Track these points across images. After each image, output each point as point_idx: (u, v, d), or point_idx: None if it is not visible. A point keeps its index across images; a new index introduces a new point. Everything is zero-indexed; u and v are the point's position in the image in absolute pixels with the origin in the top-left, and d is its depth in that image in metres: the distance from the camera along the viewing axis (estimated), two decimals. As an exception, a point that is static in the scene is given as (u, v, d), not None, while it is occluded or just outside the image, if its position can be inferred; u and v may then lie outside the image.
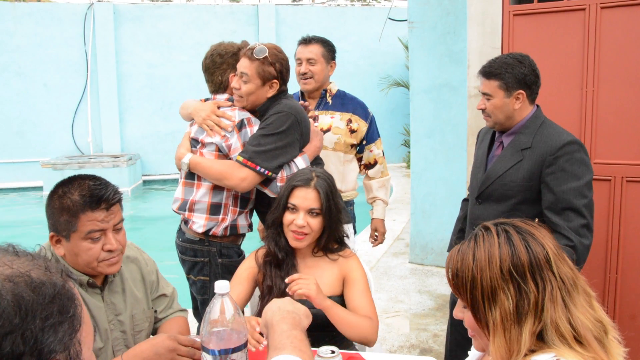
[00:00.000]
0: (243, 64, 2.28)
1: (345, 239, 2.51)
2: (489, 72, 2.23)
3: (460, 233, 2.63)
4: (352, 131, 2.95)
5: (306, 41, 2.97)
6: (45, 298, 0.66)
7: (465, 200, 2.69)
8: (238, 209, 2.38)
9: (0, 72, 10.25)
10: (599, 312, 1.12)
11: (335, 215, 1.98)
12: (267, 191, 2.33)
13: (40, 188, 9.75)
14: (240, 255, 2.44)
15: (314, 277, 1.85)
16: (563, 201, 2.11)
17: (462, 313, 1.20)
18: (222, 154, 2.35)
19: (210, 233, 2.35)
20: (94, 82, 10.61)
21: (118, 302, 1.75)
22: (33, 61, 10.35)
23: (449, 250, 2.70)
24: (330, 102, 2.99)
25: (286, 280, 1.82)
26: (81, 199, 1.56)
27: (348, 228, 2.60)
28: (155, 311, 1.89)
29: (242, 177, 2.22)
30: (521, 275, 1.10)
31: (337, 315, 1.82)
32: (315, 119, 2.94)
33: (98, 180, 1.63)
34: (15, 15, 10.26)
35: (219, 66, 2.45)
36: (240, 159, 2.24)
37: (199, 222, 2.34)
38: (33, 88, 10.42)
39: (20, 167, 10.40)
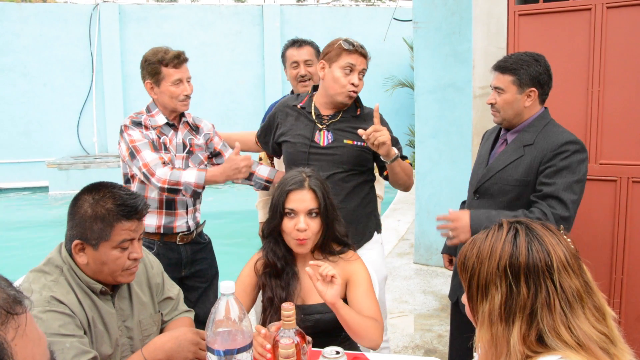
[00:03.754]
0: (364, 62, 2.37)
1: (372, 245, 2.49)
2: (504, 66, 2.21)
3: None
4: None
5: (298, 43, 2.96)
6: None
7: (464, 203, 2.67)
8: None
9: (6, 72, 10.30)
10: (611, 330, 1.10)
11: (331, 213, 1.93)
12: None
13: (45, 188, 9.79)
14: (152, 249, 2.47)
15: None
16: (551, 191, 2.10)
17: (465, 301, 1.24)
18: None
19: None
20: (100, 82, 10.66)
21: (125, 308, 1.74)
22: (39, 61, 10.41)
23: (442, 253, 2.70)
24: None
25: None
26: (117, 208, 1.57)
27: (372, 247, 2.52)
28: (161, 314, 1.88)
29: None
30: (515, 276, 1.10)
31: (347, 314, 1.75)
32: None
33: (127, 190, 1.65)
34: (21, 15, 10.32)
35: (141, 71, 2.60)
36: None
37: None
38: (39, 88, 10.47)
39: (25, 167, 10.45)
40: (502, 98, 2.21)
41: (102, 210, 1.56)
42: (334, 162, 2.34)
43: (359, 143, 2.37)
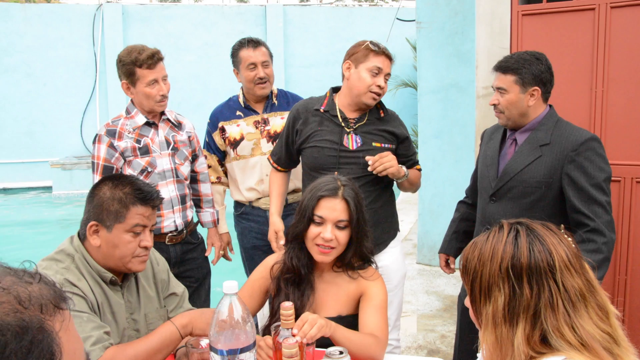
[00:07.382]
0: (389, 66, 2.37)
1: (395, 242, 2.47)
2: (505, 66, 2.18)
3: (455, 234, 2.60)
4: None
5: (254, 43, 2.83)
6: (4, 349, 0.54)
7: (461, 202, 2.64)
8: None
9: (10, 72, 10.33)
10: (615, 330, 1.10)
11: (362, 227, 1.84)
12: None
13: (49, 188, 9.82)
14: None
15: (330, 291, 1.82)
16: (589, 197, 2.06)
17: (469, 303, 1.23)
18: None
19: None
20: (103, 82, 10.68)
21: (133, 301, 1.80)
22: (42, 62, 10.43)
23: (440, 252, 2.66)
24: (277, 102, 2.93)
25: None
26: (134, 192, 1.67)
27: (396, 244, 2.50)
28: (167, 310, 1.91)
29: None
30: (517, 277, 1.10)
31: (342, 336, 1.68)
32: (266, 122, 2.87)
33: (145, 181, 1.77)
34: (25, 16, 10.34)
35: (117, 71, 2.58)
36: (419, 167, 2.56)
37: None
38: (42, 88, 10.50)
39: (29, 167, 10.47)
40: (505, 98, 2.18)
41: (119, 193, 1.66)
42: (365, 166, 2.30)
43: (387, 145, 2.37)
